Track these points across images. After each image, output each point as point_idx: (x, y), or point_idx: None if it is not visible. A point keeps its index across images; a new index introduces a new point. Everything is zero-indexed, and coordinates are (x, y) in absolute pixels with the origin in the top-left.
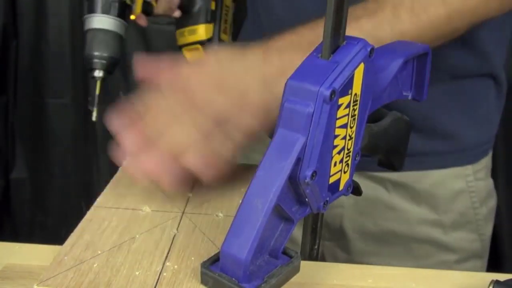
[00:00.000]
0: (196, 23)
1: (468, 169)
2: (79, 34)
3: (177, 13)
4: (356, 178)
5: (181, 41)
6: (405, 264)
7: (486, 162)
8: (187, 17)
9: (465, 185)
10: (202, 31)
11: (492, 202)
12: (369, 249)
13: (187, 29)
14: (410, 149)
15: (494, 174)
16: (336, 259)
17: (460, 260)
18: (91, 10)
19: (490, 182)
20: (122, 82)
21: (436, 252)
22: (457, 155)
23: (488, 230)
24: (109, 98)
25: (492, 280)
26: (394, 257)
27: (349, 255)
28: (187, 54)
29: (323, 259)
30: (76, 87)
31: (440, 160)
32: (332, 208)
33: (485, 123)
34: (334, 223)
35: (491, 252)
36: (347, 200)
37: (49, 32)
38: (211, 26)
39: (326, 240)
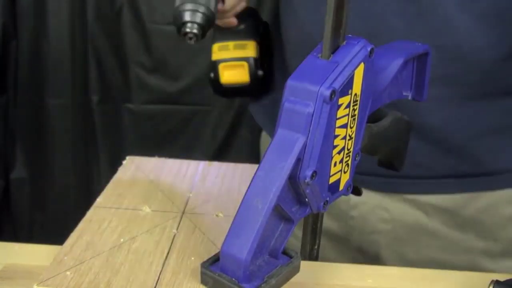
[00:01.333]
0: (247, 38)
1: None
2: (79, 34)
3: (234, 21)
4: (391, 201)
5: (221, 55)
6: None
7: None
8: (237, 30)
9: None
10: (252, 47)
11: None
12: None
13: (233, 42)
14: (457, 171)
15: None
16: None
17: None
18: None
19: None
20: (121, 81)
21: None
22: (509, 175)
23: None
24: (110, 98)
25: (493, 280)
26: None
27: None
28: (225, 70)
29: None
30: (76, 87)
31: (490, 182)
32: (367, 234)
33: None
34: (369, 250)
35: None
36: (384, 227)
37: (49, 32)
38: (257, 46)
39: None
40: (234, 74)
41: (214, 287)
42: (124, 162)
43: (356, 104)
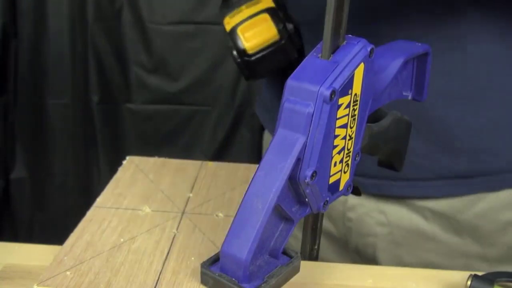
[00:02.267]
0: None
1: None
2: (79, 34)
3: None
4: (388, 204)
5: (236, 19)
6: None
7: None
8: None
9: None
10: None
11: None
12: None
13: (245, 4)
14: (456, 172)
15: None
16: None
17: None
18: None
19: None
20: (121, 81)
21: None
22: (507, 175)
23: None
24: (110, 98)
25: (471, 275)
26: None
27: None
28: (246, 33)
29: None
30: (76, 87)
31: (488, 182)
32: (364, 236)
33: None
34: (367, 252)
35: None
36: (381, 230)
37: (49, 32)
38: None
39: None
40: (258, 33)
41: (214, 287)
42: (124, 162)
43: (356, 104)
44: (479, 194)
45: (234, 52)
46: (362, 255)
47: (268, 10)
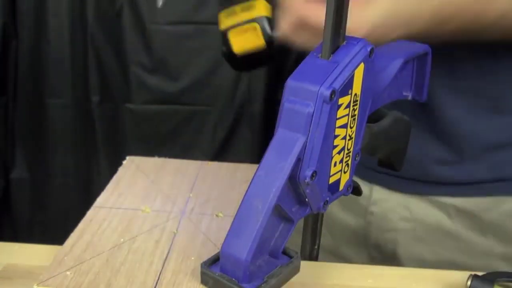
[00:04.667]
0: None
1: None
2: (79, 34)
3: None
4: (414, 200)
5: (229, 21)
6: None
7: None
8: None
9: None
10: (261, 6)
11: None
12: None
13: (240, 6)
14: (479, 177)
15: None
16: None
17: None
18: None
19: None
20: (121, 81)
21: None
22: None
23: None
24: (110, 98)
25: (471, 275)
26: None
27: None
28: (236, 38)
29: None
30: (76, 87)
31: (509, 187)
32: (385, 231)
33: None
34: (386, 247)
35: None
36: (404, 225)
37: (49, 32)
38: (268, 4)
39: (378, 263)
40: (246, 40)
41: (214, 287)
42: (124, 162)
43: (356, 104)
44: (504, 197)
45: (224, 48)
46: (382, 250)
47: (258, 20)
